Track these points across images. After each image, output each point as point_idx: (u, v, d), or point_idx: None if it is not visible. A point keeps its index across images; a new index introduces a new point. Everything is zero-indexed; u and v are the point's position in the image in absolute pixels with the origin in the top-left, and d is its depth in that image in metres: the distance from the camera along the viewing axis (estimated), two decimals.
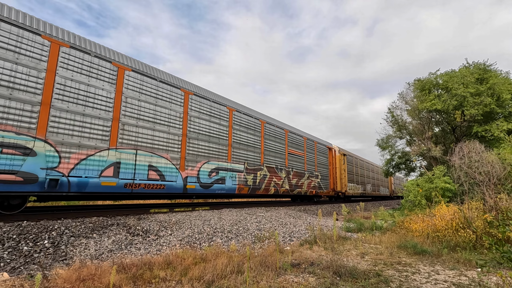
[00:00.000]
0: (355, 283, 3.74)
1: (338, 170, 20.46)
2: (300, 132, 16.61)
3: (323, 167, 18.53)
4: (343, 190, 20.37)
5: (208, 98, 10.34)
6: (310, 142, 17.39)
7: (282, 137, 14.41)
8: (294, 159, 15.22)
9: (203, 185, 9.49)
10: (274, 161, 13.38)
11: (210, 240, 6.17)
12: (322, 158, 18.60)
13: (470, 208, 6.78)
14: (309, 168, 16.64)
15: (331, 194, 19.19)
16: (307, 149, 16.86)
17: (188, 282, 3.48)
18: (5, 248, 4.30)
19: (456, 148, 11.29)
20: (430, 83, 15.33)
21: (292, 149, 15.16)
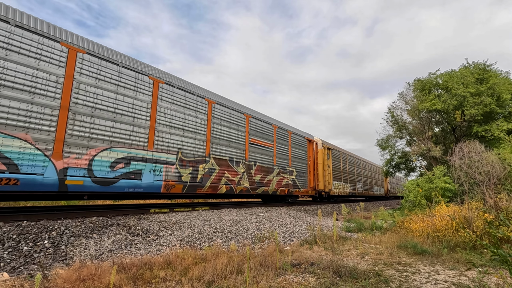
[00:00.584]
0: (355, 283, 3.74)
1: (321, 166, 17.69)
2: (268, 119, 13.52)
3: (300, 162, 15.47)
4: (327, 189, 17.72)
5: (116, 62, 7.55)
6: (282, 131, 14.26)
7: (241, 123, 11.49)
8: (259, 150, 12.29)
9: (100, 181, 6.81)
10: (227, 152, 10.60)
11: (210, 240, 6.17)
12: (299, 152, 15.53)
13: (470, 208, 6.78)
14: (281, 162, 13.63)
15: (311, 194, 16.33)
16: (279, 140, 13.85)
17: (188, 282, 3.49)
18: (5, 248, 4.30)
19: (456, 148, 11.29)
20: (430, 83, 15.34)
21: (255, 138, 12.21)
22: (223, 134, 10.68)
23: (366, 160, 28.74)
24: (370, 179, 28.71)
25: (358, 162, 25.96)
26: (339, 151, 21.21)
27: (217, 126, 10.47)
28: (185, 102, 9.28)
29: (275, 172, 13.26)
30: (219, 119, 10.62)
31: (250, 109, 12.55)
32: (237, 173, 10.97)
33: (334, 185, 19.13)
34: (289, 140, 14.90)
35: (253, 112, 12.68)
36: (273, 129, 13.65)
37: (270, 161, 13.03)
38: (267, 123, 13.37)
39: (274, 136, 13.67)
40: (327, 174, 17.99)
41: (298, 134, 15.98)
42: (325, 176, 17.89)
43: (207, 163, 9.71)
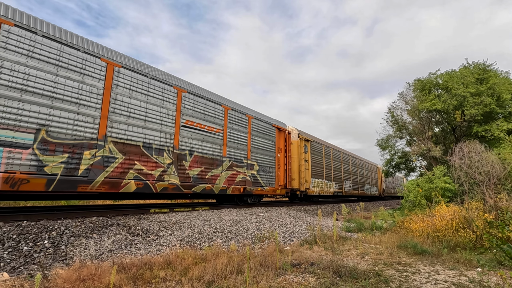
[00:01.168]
0: (355, 283, 3.74)
1: (296, 160, 15.03)
2: (216, 97, 10.48)
3: (265, 154, 12.54)
4: (303, 187, 14.97)
5: None
6: (237, 115, 11.25)
7: (167, 99, 8.50)
8: (199, 136, 9.38)
9: None
10: (140, 135, 7.71)
11: (210, 240, 6.17)
12: (263, 142, 12.57)
13: (470, 208, 6.78)
14: (234, 153, 10.80)
15: (280, 193, 13.29)
16: (232, 125, 10.91)
17: (188, 282, 3.49)
18: (5, 248, 4.30)
19: (456, 148, 11.30)
20: (430, 83, 15.36)
21: (193, 120, 9.24)
22: (134, 110, 7.63)
23: (357, 156, 26.00)
24: (361, 177, 25.87)
25: (346, 157, 22.94)
26: (321, 143, 18.32)
27: (123, 98, 7.42)
28: (59, 59, 6.37)
29: (225, 165, 10.22)
30: (127, 89, 7.55)
31: (186, 82, 9.43)
32: (159, 165, 8.00)
33: (313, 183, 16.33)
34: (249, 126, 11.79)
35: (191, 86, 9.49)
36: (223, 110, 10.50)
37: (217, 151, 10.02)
38: (214, 103, 10.21)
39: (225, 119, 10.56)
40: (303, 170, 15.13)
41: (262, 120, 12.73)
42: (301, 173, 15.02)
43: (100, 149, 6.88)
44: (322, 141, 19.00)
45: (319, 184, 17.22)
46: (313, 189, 16.24)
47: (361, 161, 26.89)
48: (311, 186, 15.99)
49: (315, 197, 18.11)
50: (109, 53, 7.44)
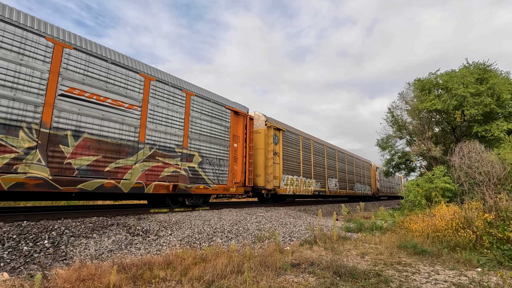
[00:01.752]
0: (355, 283, 3.74)
1: (262, 152, 12.59)
2: (133, 62, 8.00)
3: (213, 142, 10.01)
4: (271, 185, 12.46)
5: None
6: (169, 89, 8.73)
7: (30, 53, 6.07)
8: (94, 112, 6.96)
9: None
10: None
11: (210, 240, 6.17)
12: (211, 127, 10.02)
13: (470, 208, 6.78)
14: (161, 139, 8.29)
15: (237, 192, 10.88)
16: (158, 101, 8.33)
17: (188, 282, 3.49)
18: (5, 248, 4.30)
19: (456, 148, 11.31)
20: (430, 83, 15.35)
21: (83, 88, 6.82)
22: None
23: (345, 151, 23.42)
24: (350, 174, 23.28)
25: (331, 152, 20.16)
26: (297, 134, 15.76)
27: None
28: None
29: (142, 154, 7.63)
30: None
31: (73, 35, 6.85)
32: (6, 149, 5.49)
33: (286, 181, 13.85)
34: (187, 105, 9.19)
35: (81, 41, 6.98)
36: (142, 81, 7.92)
37: (128, 135, 7.53)
38: (126, 69, 7.71)
39: (145, 93, 7.99)
40: (271, 165, 12.63)
41: (209, 99, 10.11)
42: (268, 168, 12.57)
43: None
44: (300, 131, 16.44)
45: (294, 182, 14.60)
46: (285, 187, 13.61)
47: (351, 157, 24.17)
48: (282, 184, 13.39)
49: (289, 197, 15.26)
50: None
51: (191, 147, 9.29)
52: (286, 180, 13.88)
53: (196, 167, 9.36)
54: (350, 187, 22.83)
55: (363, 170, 26.90)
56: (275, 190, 12.95)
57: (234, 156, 11.03)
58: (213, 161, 10.04)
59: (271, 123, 13.37)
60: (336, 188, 19.98)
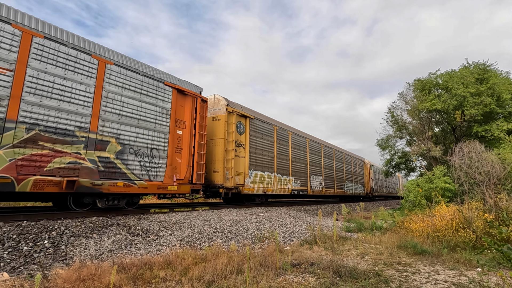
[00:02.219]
0: (355, 283, 3.74)
1: (221, 143, 10.60)
2: None
3: (141, 127, 7.84)
4: (231, 183, 10.57)
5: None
6: (67, 51, 6.61)
7: None
8: None
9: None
10: None
11: (210, 240, 6.17)
12: (141, 106, 7.91)
13: (470, 208, 6.78)
14: (50, 117, 6.21)
15: (178, 191, 8.59)
16: (48, 66, 6.27)
17: (188, 282, 3.49)
18: (5, 248, 4.30)
19: (456, 148, 11.30)
20: (430, 83, 15.36)
21: None
22: None
23: (333, 146, 21.22)
24: (339, 172, 21.18)
25: (316, 146, 18.07)
26: (271, 124, 13.53)
27: None
28: None
29: (12, 136, 5.59)
30: None
31: None
32: None
33: (253, 178, 11.74)
34: (99, 75, 7.08)
35: None
36: (16, 35, 5.80)
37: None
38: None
39: (23, 52, 5.87)
40: (232, 159, 10.68)
41: (139, 71, 7.92)
42: (229, 162, 10.62)
43: None
44: (274, 120, 14.30)
45: (265, 179, 12.48)
46: (251, 185, 11.54)
47: (340, 152, 22.01)
48: (248, 181, 11.37)
49: (258, 197, 12.88)
50: None
51: (105, 131, 7.04)
52: (253, 177, 11.77)
53: (112, 158, 7.08)
54: (339, 186, 20.81)
55: (355, 168, 25.05)
56: (238, 188, 10.94)
57: (177, 146, 8.73)
58: (141, 151, 7.74)
59: (234, 108, 11.23)
60: (321, 187, 17.96)
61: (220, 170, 10.53)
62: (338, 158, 21.53)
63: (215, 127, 10.97)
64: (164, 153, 8.37)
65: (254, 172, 11.95)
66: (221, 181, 10.42)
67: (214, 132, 10.95)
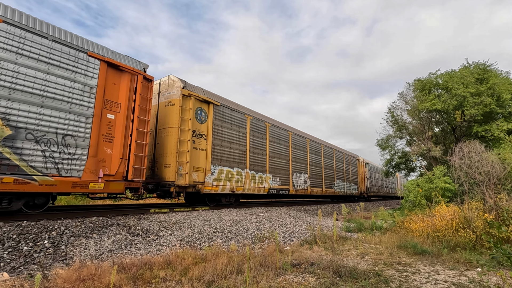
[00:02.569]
0: (355, 283, 3.74)
1: (175, 133, 9.03)
2: None
3: (50, 106, 6.07)
4: (185, 180, 8.91)
5: None
6: None
7: None
8: None
9: None
10: None
11: (210, 240, 6.17)
12: (48, 80, 6.10)
13: (470, 208, 6.78)
14: None
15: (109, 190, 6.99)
16: None
17: (188, 282, 3.49)
18: (5, 248, 4.30)
19: (456, 148, 11.30)
20: (430, 83, 15.36)
21: None
22: None
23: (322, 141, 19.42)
24: (329, 170, 19.62)
25: (300, 141, 16.36)
26: (242, 113, 11.79)
27: None
28: None
29: None
30: None
31: None
32: None
33: (216, 174, 10.08)
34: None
35: None
36: None
37: None
38: None
39: None
40: (186, 151, 9.01)
41: (46, 35, 6.20)
42: (183, 155, 8.94)
43: None
44: (248, 109, 12.46)
45: (233, 177, 10.80)
46: (215, 184, 9.91)
47: (329, 148, 20.15)
48: (210, 178, 9.74)
49: (225, 197, 11.07)
50: None
51: None
52: (217, 174, 10.13)
53: None
54: (328, 185, 19.22)
55: (348, 166, 23.41)
56: (197, 187, 9.27)
57: (107, 134, 7.07)
58: (45, 138, 5.97)
59: (192, 91, 9.49)
60: (307, 186, 16.24)
61: (172, 165, 8.82)
62: (328, 155, 20.00)
63: (168, 114, 9.30)
64: (84, 141, 6.57)
65: (219, 168, 10.27)
66: (172, 178, 8.70)
67: (167, 120, 9.31)
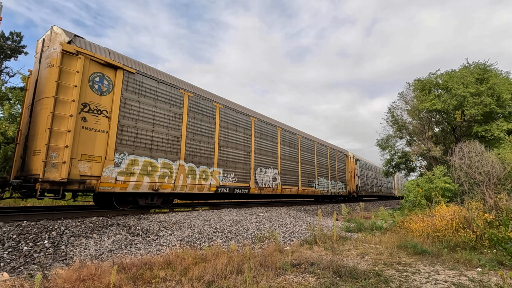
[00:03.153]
0: (355, 283, 3.74)
1: (48, 105, 6.36)
2: None
3: None
4: (64, 174, 6.10)
5: None
6: None
7: None
8: None
9: None
10: None
11: (210, 240, 6.17)
12: None
13: (470, 208, 6.78)
14: None
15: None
16: None
17: (188, 282, 3.49)
18: (5, 248, 4.30)
19: (456, 148, 11.30)
20: (430, 83, 15.35)
21: None
22: None
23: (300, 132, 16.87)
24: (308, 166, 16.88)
25: (269, 130, 13.67)
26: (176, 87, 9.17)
27: None
28: None
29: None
30: None
31: None
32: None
33: (124, 166, 7.35)
34: None
35: None
36: None
37: None
38: None
39: None
40: (67, 131, 6.31)
41: None
42: (59, 136, 6.26)
43: None
44: (185, 83, 9.68)
45: (156, 170, 8.15)
46: (122, 179, 7.31)
47: (309, 141, 17.34)
48: (112, 171, 7.13)
49: (146, 198, 8.39)
50: None
51: None
52: (126, 165, 7.45)
53: None
54: (307, 183, 16.24)
55: (333, 161, 20.40)
56: (87, 183, 6.63)
57: None
58: None
59: (85, 49, 6.97)
60: (276, 183, 13.46)
61: (42, 151, 6.12)
62: (307, 148, 17.07)
63: (47, 80, 6.64)
64: None
65: (131, 158, 7.56)
66: (39, 169, 6.01)
67: (44, 89, 6.65)
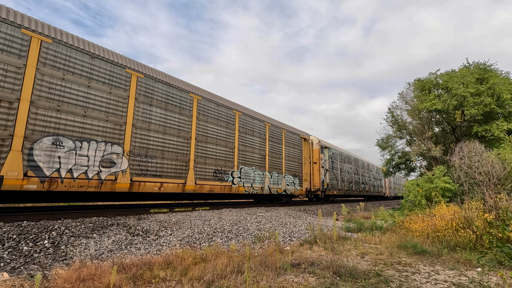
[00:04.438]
0: (355, 283, 3.74)
1: None
2: None
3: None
4: None
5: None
6: None
7: None
8: None
9: None
10: None
11: (210, 240, 6.17)
12: None
13: (470, 208, 6.78)
14: None
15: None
16: None
17: (188, 282, 3.48)
18: (5, 248, 4.30)
19: (456, 148, 11.31)
20: (430, 83, 15.35)
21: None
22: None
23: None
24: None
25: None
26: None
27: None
28: None
29: None
30: None
31: None
32: None
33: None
34: None
35: None
36: None
37: None
38: None
39: None
40: None
41: None
42: None
43: None
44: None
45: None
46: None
47: (226, 108, 11.08)
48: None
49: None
50: None
51: None
52: None
53: None
54: (212, 175, 10.16)
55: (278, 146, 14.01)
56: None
57: None
58: None
59: None
60: (115, 172, 7.32)
61: None
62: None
63: None
64: None
65: None
66: None
67: None
